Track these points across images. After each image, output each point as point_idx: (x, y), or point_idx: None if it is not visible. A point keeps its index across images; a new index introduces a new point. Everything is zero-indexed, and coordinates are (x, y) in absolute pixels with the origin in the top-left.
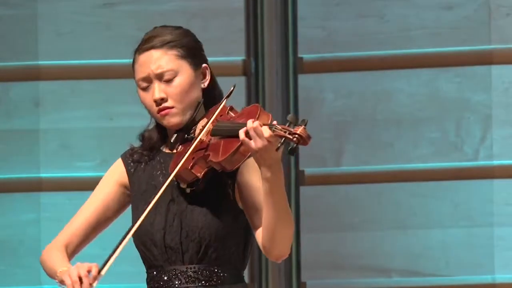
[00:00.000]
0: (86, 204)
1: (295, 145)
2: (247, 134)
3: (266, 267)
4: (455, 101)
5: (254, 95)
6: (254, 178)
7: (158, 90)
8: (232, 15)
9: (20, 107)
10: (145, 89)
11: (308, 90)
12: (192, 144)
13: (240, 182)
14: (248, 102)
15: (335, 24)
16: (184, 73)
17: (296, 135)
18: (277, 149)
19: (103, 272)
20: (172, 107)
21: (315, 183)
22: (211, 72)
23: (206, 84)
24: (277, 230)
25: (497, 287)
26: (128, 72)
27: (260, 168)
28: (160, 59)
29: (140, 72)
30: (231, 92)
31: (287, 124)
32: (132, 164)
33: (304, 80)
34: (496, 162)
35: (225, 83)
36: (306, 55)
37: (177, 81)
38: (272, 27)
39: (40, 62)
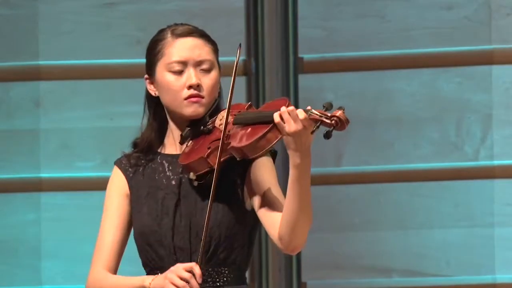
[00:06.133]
0: (105, 224)
1: (331, 129)
2: (281, 118)
3: (266, 267)
4: (455, 101)
5: (255, 95)
6: (266, 174)
7: (196, 75)
8: (233, 15)
9: (21, 107)
10: (177, 72)
11: (308, 90)
12: (225, 128)
13: (252, 179)
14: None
15: (336, 24)
16: (216, 68)
17: (335, 118)
18: (312, 132)
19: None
20: (203, 97)
21: (316, 183)
22: None
23: (218, 87)
24: (298, 220)
25: (497, 287)
26: (128, 72)
27: (290, 154)
28: (201, 48)
29: (178, 55)
30: (240, 47)
31: (323, 110)
32: (130, 169)
33: (305, 80)
34: (496, 162)
35: (225, 83)
36: (306, 55)
37: (213, 73)
38: (273, 27)
39: (40, 62)
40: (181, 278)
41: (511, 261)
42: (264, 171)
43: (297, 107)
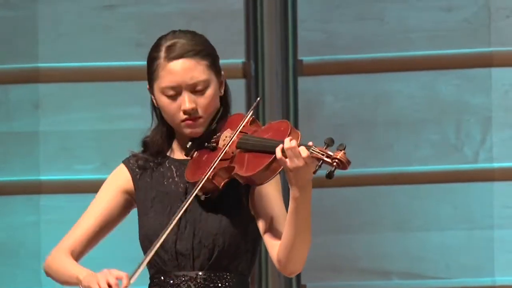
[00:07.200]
0: (89, 210)
1: (333, 169)
2: (283, 152)
3: (266, 269)
4: (455, 104)
5: (254, 97)
6: (272, 190)
7: (189, 100)
8: (232, 17)
9: (20, 109)
10: (171, 97)
11: (308, 92)
12: (218, 156)
13: (257, 192)
14: (248, 105)
15: (335, 27)
16: (213, 83)
17: (336, 160)
18: (315, 172)
19: (132, 281)
20: (200, 117)
21: (315, 186)
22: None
23: (223, 91)
24: (294, 248)
25: None
26: (128, 74)
27: (290, 187)
28: (193, 70)
29: (169, 81)
30: (257, 104)
31: (325, 147)
32: (137, 170)
33: (304, 82)
34: (496, 165)
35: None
36: (306, 58)
37: (208, 92)
38: (272, 29)
39: (40, 64)
40: (108, 283)
41: (511, 263)
42: (269, 185)
43: (296, 109)
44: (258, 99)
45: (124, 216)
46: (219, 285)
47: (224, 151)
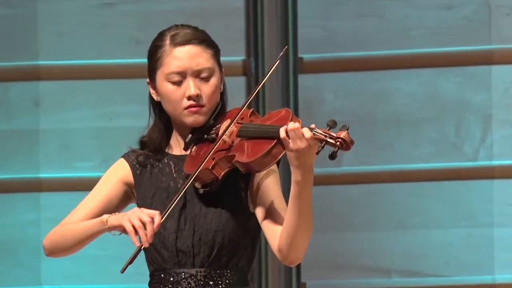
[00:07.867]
0: (88, 198)
1: (336, 149)
2: (286, 134)
3: (266, 267)
4: (455, 101)
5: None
6: (271, 182)
7: (194, 86)
8: (232, 15)
9: (20, 107)
10: (176, 83)
11: (308, 90)
12: (216, 144)
13: (256, 185)
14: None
15: (335, 24)
16: (217, 74)
17: (340, 139)
18: (317, 152)
19: (163, 220)
20: (203, 106)
21: (315, 184)
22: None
23: (222, 88)
24: (297, 235)
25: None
26: (128, 72)
27: (292, 170)
28: (199, 56)
29: (175, 66)
30: (284, 52)
31: (327, 128)
32: (137, 166)
33: (304, 80)
34: (496, 162)
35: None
36: (306, 55)
37: (212, 80)
38: (272, 27)
39: (40, 62)
40: (140, 220)
41: (511, 261)
42: (268, 178)
43: (297, 107)
44: (286, 47)
45: (122, 207)
46: (219, 282)
47: (222, 137)
